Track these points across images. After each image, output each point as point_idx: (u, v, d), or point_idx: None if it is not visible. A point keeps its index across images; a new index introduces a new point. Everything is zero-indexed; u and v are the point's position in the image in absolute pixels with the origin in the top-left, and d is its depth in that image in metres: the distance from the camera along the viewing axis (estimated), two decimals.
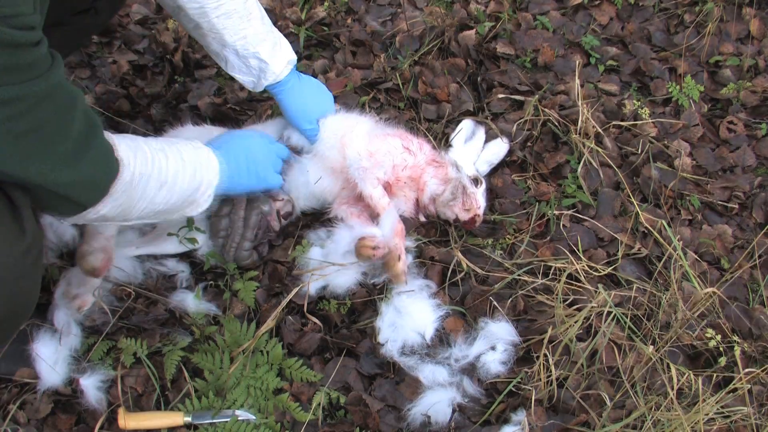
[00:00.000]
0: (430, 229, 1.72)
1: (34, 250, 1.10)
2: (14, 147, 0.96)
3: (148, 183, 1.21)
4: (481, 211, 1.65)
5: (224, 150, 1.45)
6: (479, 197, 1.65)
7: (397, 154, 1.64)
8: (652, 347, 1.44)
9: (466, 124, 1.77)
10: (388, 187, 1.66)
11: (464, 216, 1.64)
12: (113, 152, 1.13)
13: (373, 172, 1.61)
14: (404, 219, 1.66)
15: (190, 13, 1.47)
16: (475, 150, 1.76)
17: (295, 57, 1.63)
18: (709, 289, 1.47)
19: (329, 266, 1.55)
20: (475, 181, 1.67)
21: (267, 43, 1.55)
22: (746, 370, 1.40)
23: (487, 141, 1.80)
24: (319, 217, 1.73)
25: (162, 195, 1.26)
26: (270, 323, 1.43)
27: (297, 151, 1.70)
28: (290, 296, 1.47)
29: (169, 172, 1.26)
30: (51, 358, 1.41)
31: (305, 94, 1.66)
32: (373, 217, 1.63)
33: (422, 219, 1.72)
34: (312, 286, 1.54)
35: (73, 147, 1.03)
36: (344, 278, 1.57)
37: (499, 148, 1.79)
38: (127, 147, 1.18)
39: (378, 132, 1.69)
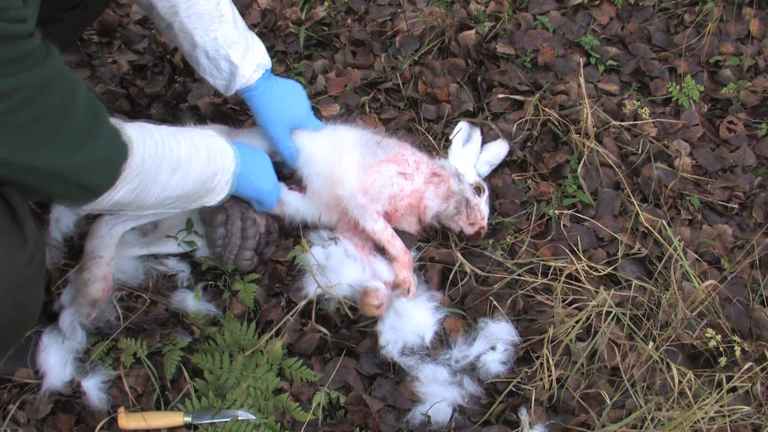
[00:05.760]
0: (431, 232, 1.72)
1: (37, 258, 1.10)
2: (19, 138, 0.96)
3: (160, 166, 1.21)
4: (485, 222, 1.63)
5: (238, 145, 1.46)
6: (483, 207, 1.63)
7: (393, 184, 1.59)
8: (652, 343, 1.44)
9: (462, 126, 1.76)
10: (387, 217, 1.61)
11: (469, 230, 1.63)
12: (120, 135, 1.14)
13: (371, 207, 1.56)
14: (407, 234, 1.65)
15: (161, 12, 1.46)
16: (474, 152, 1.75)
17: (268, 62, 1.59)
18: (709, 282, 1.48)
19: (335, 284, 1.54)
20: (478, 189, 1.65)
21: (239, 46, 1.52)
22: (746, 367, 1.41)
23: (487, 142, 1.79)
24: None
25: (176, 180, 1.25)
26: (284, 338, 1.43)
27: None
28: (299, 307, 1.48)
29: (181, 157, 1.25)
30: (56, 360, 1.41)
31: (275, 100, 1.62)
32: (378, 246, 1.61)
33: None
34: (312, 290, 1.53)
35: (78, 132, 1.04)
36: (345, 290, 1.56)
37: (500, 148, 1.78)
38: (136, 131, 1.18)
39: (369, 160, 1.61)
